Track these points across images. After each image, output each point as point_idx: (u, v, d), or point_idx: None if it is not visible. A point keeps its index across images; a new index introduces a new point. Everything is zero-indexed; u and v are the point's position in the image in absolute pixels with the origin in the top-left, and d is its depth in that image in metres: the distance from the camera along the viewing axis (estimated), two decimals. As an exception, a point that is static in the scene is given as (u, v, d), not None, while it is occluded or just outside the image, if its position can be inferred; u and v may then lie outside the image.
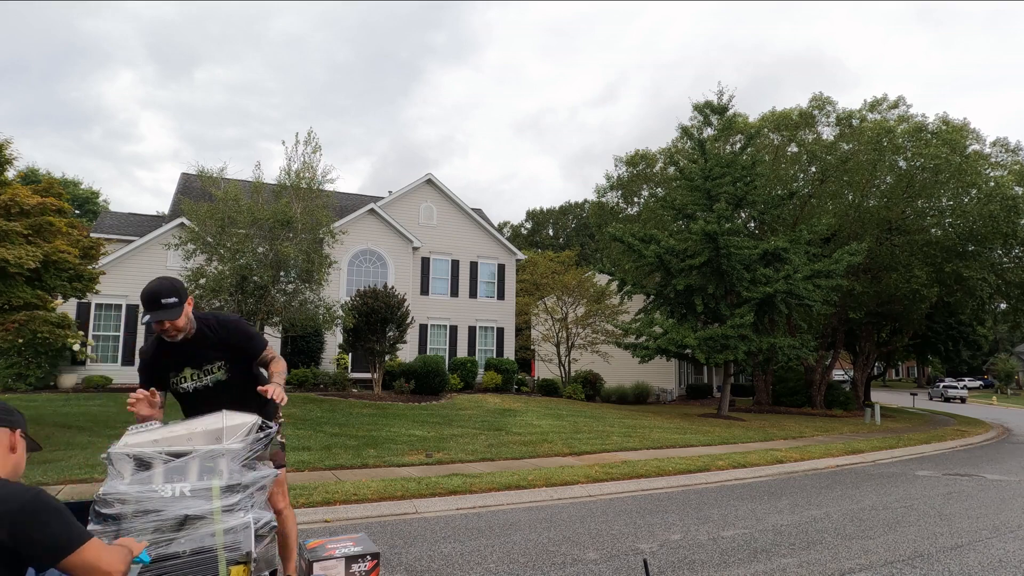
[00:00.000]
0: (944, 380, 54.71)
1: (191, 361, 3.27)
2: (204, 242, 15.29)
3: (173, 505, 2.43)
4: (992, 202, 21.76)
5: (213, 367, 3.31)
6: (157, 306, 3.01)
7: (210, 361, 3.30)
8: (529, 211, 77.94)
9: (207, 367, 3.30)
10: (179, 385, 3.31)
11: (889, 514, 7.25)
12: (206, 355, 3.27)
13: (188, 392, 3.31)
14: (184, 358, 3.26)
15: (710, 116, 21.81)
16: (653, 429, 15.27)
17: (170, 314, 3.03)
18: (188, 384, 3.30)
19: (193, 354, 3.26)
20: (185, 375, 3.29)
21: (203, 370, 3.30)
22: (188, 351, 3.24)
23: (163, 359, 3.26)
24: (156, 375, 3.27)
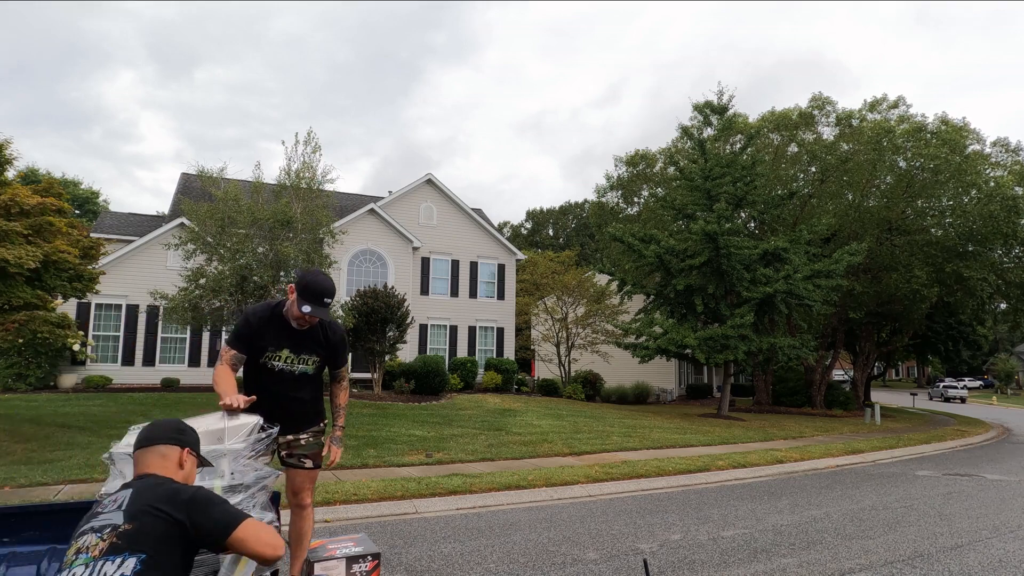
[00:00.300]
0: (944, 380, 54.70)
1: (293, 346, 3.41)
2: (204, 242, 15.29)
3: (174, 505, 2.43)
4: (992, 202, 21.77)
5: (309, 359, 3.47)
6: (322, 303, 3.22)
7: (309, 352, 3.46)
8: (529, 211, 77.99)
9: (304, 356, 3.45)
10: (271, 360, 3.41)
11: (889, 514, 7.26)
12: (308, 346, 3.44)
13: (274, 370, 3.42)
14: (290, 341, 3.40)
15: (710, 116, 21.81)
16: (653, 429, 15.27)
17: (326, 313, 3.25)
18: (280, 364, 3.42)
19: (299, 341, 3.41)
20: (282, 355, 3.41)
21: (299, 358, 3.44)
22: (296, 336, 3.40)
23: (269, 332, 3.39)
24: (255, 342, 3.37)
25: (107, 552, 1.71)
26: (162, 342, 20.26)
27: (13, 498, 6.68)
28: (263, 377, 3.42)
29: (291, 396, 3.44)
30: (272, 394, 3.35)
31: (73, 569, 1.70)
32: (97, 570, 1.68)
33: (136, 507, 1.82)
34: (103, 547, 1.73)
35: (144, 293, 18.40)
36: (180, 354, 20.45)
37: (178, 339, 20.41)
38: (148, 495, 1.87)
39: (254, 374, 3.45)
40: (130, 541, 1.74)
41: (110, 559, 1.70)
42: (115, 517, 1.80)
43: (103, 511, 1.86)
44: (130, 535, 1.75)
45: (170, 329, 19.86)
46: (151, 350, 20.07)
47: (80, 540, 1.77)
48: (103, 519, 1.81)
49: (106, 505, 1.89)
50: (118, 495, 1.92)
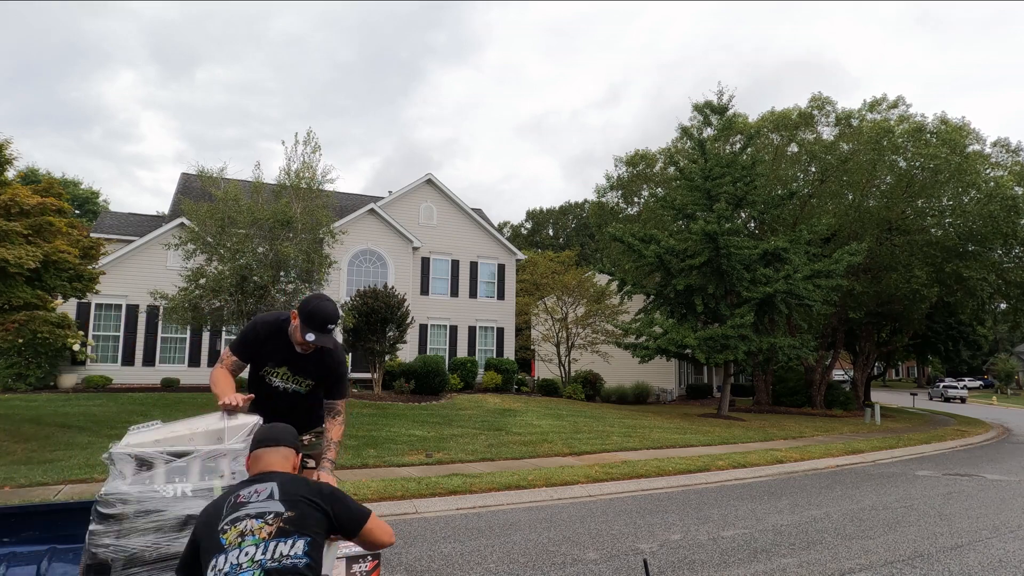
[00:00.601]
0: (944, 380, 54.69)
1: (292, 366, 3.40)
2: (204, 242, 15.29)
3: (175, 505, 2.43)
4: (992, 202, 21.77)
5: (304, 380, 3.45)
6: (325, 331, 3.19)
7: (306, 375, 3.44)
8: (529, 211, 77.97)
9: (299, 378, 3.44)
10: (269, 375, 3.42)
11: (889, 514, 7.26)
12: (307, 368, 3.41)
13: (271, 384, 3.43)
14: (290, 359, 3.39)
15: (710, 116, 21.82)
16: (653, 429, 15.27)
17: (329, 340, 3.23)
18: (277, 381, 3.43)
19: (298, 361, 3.40)
20: (280, 372, 3.42)
21: (295, 378, 3.43)
22: (296, 356, 3.38)
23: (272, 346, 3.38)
24: (255, 353, 3.39)
25: (276, 535, 1.91)
26: (162, 342, 20.26)
27: (13, 498, 6.68)
28: (261, 388, 3.44)
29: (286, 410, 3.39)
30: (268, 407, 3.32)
31: (244, 548, 1.88)
32: (271, 550, 1.88)
33: (291, 498, 2.03)
34: (271, 530, 1.92)
35: (144, 293, 18.40)
36: (180, 354, 20.45)
37: (178, 339, 20.41)
38: (297, 488, 2.09)
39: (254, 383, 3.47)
40: (296, 525, 1.96)
41: (282, 540, 1.91)
42: (273, 506, 1.99)
43: (252, 500, 2.02)
44: (295, 520, 1.97)
45: (170, 329, 19.85)
46: (151, 350, 20.07)
47: (240, 524, 1.94)
48: (259, 507, 1.99)
49: (249, 495, 2.04)
50: (260, 487, 2.08)
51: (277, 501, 2.01)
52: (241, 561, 1.85)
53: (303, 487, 2.11)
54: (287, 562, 1.87)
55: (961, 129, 23.46)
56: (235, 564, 1.85)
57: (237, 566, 1.84)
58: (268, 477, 2.14)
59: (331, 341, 3.25)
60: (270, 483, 2.08)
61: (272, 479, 2.11)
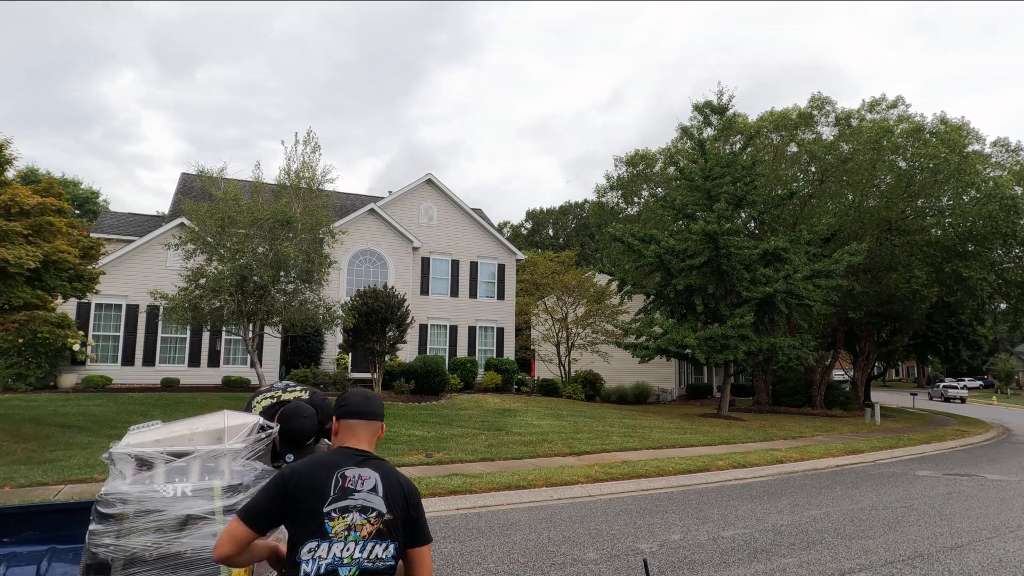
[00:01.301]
0: (944, 380, 54.69)
1: None
2: (204, 242, 15.29)
3: (175, 505, 2.43)
4: (991, 202, 21.78)
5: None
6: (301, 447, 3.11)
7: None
8: (529, 211, 77.97)
9: None
10: None
11: (889, 514, 7.26)
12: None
13: None
14: None
15: (710, 116, 21.82)
16: (653, 429, 15.27)
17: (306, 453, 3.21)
18: None
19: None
20: None
21: None
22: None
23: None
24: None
25: (375, 536, 1.96)
26: (162, 342, 20.25)
27: (13, 498, 6.68)
28: None
29: None
30: None
31: (347, 543, 1.94)
32: (369, 550, 1.95)
33: (391, 496, 2.04)
34: (371, 530, 1.96)
35: (144, 293, 18.39)
36: (180, 354, 20.44)
37: (178, 339, 20.41)
38: (395, 486, 2.08)
39: None
40: (391, 529, 1.99)
41: (379, 543, 1.96)
42: (376, 503, 2.01)
43: (358, 489, 2.02)
44: (391, 524, 2.00)
45: (170, 329, 19.84)
46: (151, 350, 20.06)
47: (348, 517, 1.96)
48: (362, 500, 2.00)
49: (355, 482, 2.03)
50: (364, 474, 2.05)
51: (380, 498, 2.02)
52: (343, 556, 1.93)
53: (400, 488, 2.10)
54: (380, 564, 1.96)
55: (960, 129, 23.47)
56: (337, 557, 1.92)
57: (339, 559, 1.92)
58: (368, 461, 2.12)
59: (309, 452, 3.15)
60: (373, 473, 2.07)
61: (373, 467, 2.10)
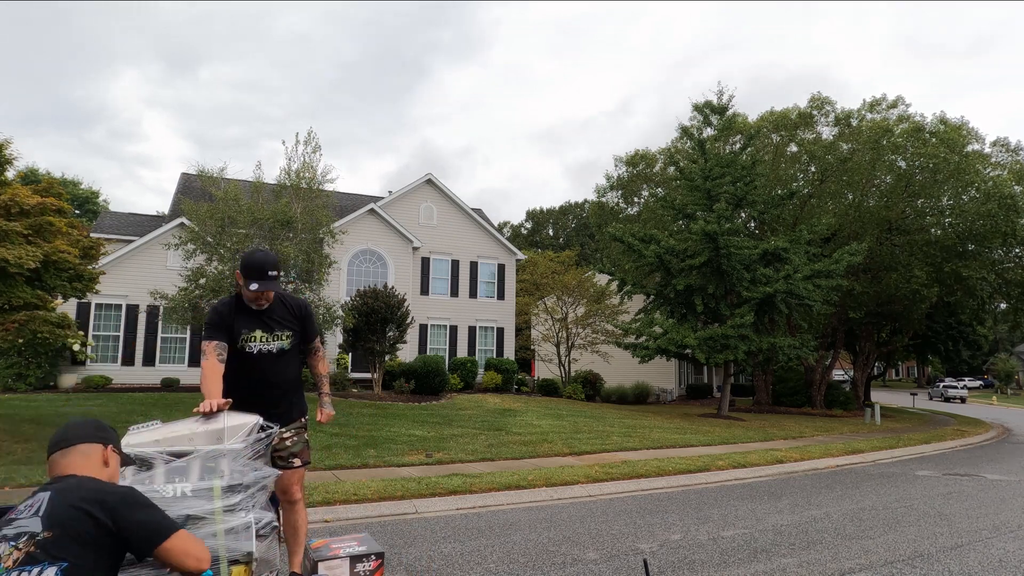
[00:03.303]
0: (944, 380, 54.68)
1: (264, 326, 3.51)
2: (204, 242, 15.30)
3: (174, 505, 2.43)
4: (991, 201, 21.78)
5: (283, 335, 3.56)
6: (264, 276, 3.33)
7: (281, 329, 3.55)
8: (529, 211, 78.00)
9: (277, 333, 3.54)
10: (248, 344, 3.48)
11: (889, 514, 7.26)
12: (279, 323, 3.54)
13: (252, 353, 3.49)
14: (258, 322, 3.50)
15: (710, 116, 21.82)
16: (653, 429, 15.27)
17: (273, 285, 3.36)
18: (255, 345, 3.50)
19: (267, 320, 3.52)
20: (256, 336, 3.50)
21: (273, 335, 3.53)
22: (263, 317, 3.50)
23: (237, 318, 3.48)
24: (228, 331, 3.46)
25: (22, 562, 1.63)
26: (162, 342, 20.26)
27: (13, 498, 6.68)
28: (244, 364, 3.47)
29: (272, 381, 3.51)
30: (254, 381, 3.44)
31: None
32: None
33: (57, 511, 1.74)
34: (18, 557, 1.65)
35: (144, 293, 18.40)
36: (180, 354, 20.45)
37: (178, 339, 20.41)
38: (71, 495, 1.79)
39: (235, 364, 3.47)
40: (49, 549, 1.66)
41: (26, 570, 1.62)
42: (32, 524, 1.71)
43: (18, 517, 1.76)
44: (49, 543, 1.67)
45: (170, 329, 19.85)
46: (151, 350, 20.07)
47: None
48: (18, 526, 1.72)
49: (21, 511, 1.78)
50: (34, 499, 1.82)
51: (39, 518, 1.72)
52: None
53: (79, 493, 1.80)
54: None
55: (960, 129, 23.48)
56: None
57: None
58: (49, 485, 1.89)
59: (275, 285, 3.38)
60: (45, 493, 1.82)
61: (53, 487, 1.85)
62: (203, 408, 2.83)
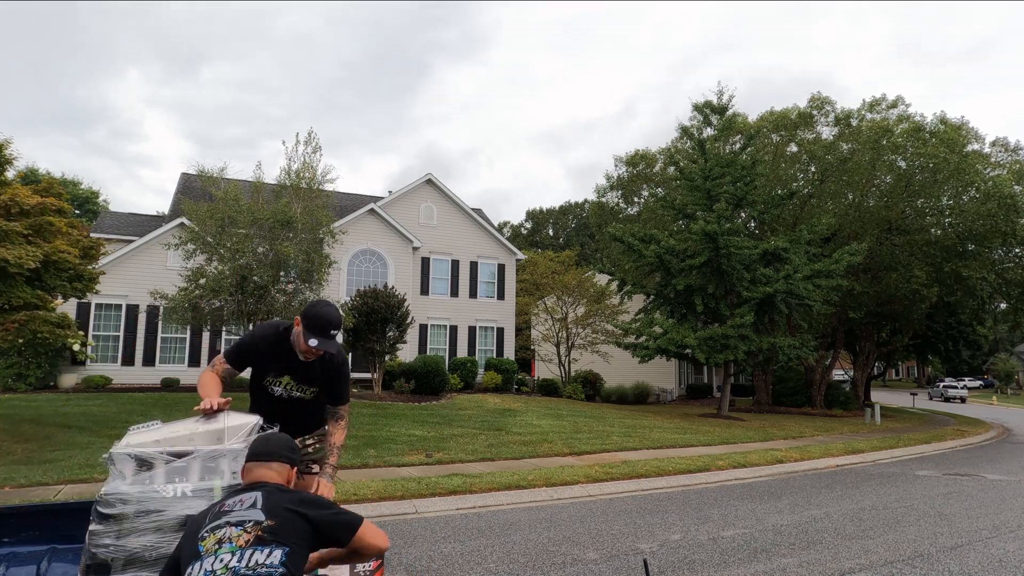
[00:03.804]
0: (944, 380, 54.68)
1: (295, 374, 3.38)
2: (204, 242, 15.29)
3: (175, 505, 2.43)
4: (990, 201, 21.78)
5: (309, 388, 3.43)
6: (328, 336, 3.15)
7: (310, 382, 3.41)
8: (529, 211, 77.97)
9: (303, 386, 3.42)
10: (271, 386, 3.40)
11: (889, 514, 7.26)
12: (310, 376, 3.38)
13: (272, 395, 3.41)
14: (292, 367, 3.36)
15: (710, 116, 21.82)
16: (653, 429, 15.27)
17: (332, 346, 3.19)
18: (279, 390, 3.40)
19: (301, 369, 3.36)
20: (283, 381, 3.39)
21: (299, 387, 3.41)
22: (298, 365, 3.34)
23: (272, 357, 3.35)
24: (251, 362, 3.38)
25: (254, 543, 1.91)
26: (162, 342, 20.26)
27: (13, 498, 6.68)
28: (262, 395, 3.42)
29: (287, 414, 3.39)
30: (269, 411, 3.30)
31: (220, 555, 1.88)
32: (247, 558, 1.87)
33: (273, 508, 2.02)
34: (248, 538, 1.92)
35: (144, 293, 18.39)
36: (180, 354, 20.45)
37: (178, 339, 20.41)
38: (281, 498, 2.08)
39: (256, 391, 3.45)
40: (275, 535, 1.95)
41: (259, 549, 1.90)
42: (254, 514, 1.99)
43: (235, 508, 2.03)
44: (274, 530, 1.96)
45: (170, 329, 19.84)
46: (151, 350, 20.06)
47: (219, 532, 1.94)
48: (240, 515, 1.99)
49: (231, 505, 2.05)
50: (242, 497, 2.08)
51: (259, 510, 2.00)
52: (215, 568, 1.84)
53: (287, 497, 2.11)
54: (261, 571, 1.85)
55: (960, 129, 23.48)
56: (209, 571, 1.84)
57: (211, 572, 1.83)
58: (256, 487, 2.15)
59: (335, 346, 3.20)
60: (255, 493, 2.09)
61: (258, 489, 2.12)
62: (204, 406, 2.80)
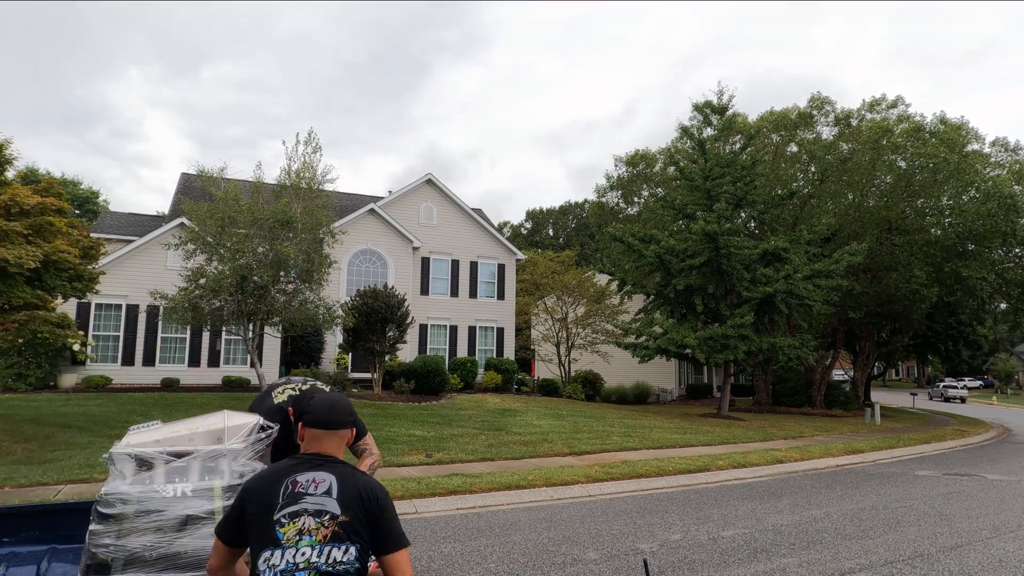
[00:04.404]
0: (944, 380, 54.69)
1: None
2: (204, 242, 15.29)
3: (175, 505, 2.43)
4: (990, 200, 21.78)
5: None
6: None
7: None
8: (529, 211, 77.98)
9: None
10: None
11: (889, 514, 7.26)
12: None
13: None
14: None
15: (710, 116, 21.82)
16: (653, 429, 15.27)
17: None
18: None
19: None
20: None
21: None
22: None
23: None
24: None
25: (331, 539, 1.92)
26: (162, 342, 20.25)
27: (13, 498, 6.68)
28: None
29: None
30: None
31: (301, 548, 1.90)
32: (327, 554, 1.90)
33: (346, 498, 1.99)
34: (326, 533, 1.93)
35: (144, 293, 18.39)
36: (180, 354, 20.44)
37: (178, 339, 20.41)
38: (351, 488, 2.02)
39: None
40: (349, 531, 1.95)
41: (336, 546, 1.92)
42: (331, 505, 1.97)
43: (310, 492, 1.98)
44: (349, 526, 1.95)
45: (170, 329, 19.84)
46: (151, 350, 20.06)
47: (299, 521, 1.93)
48: (316, 503, 1.97)
49: (307, 484, 1.99)
50: (317, 476, 2.01)
51: (334, 500, 1.98)
52: (298, 561, 1.89)
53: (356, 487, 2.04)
54: (340, 568, 1.91)
55: (960, 128, 23.48)
56: (291, 563, 1.88)
57: (294, 565, 1.88)
58: (325, 464, 2.06)
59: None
60: (328, 476, 2.02)
61: (329, 470, 2.04)
62: None
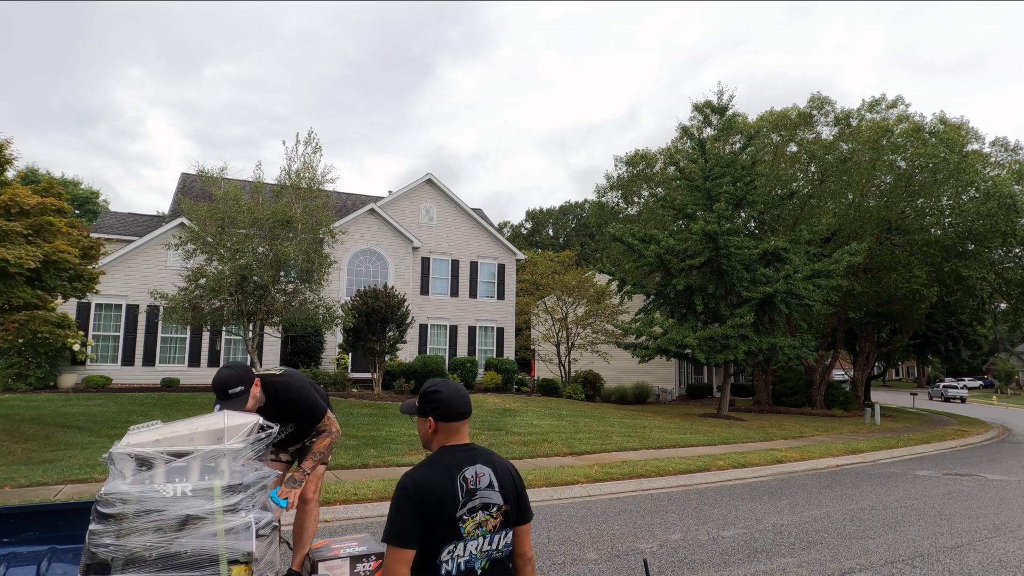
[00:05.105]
0: (944, 380, 54.69)
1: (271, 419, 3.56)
2: (204, 242, 15.28)
3: (175, 505, 2.43)
4: (990, 200, 21.77)
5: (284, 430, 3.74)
6: (225, 396, 3.36)
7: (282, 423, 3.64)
8: (529, 211, 77.98)
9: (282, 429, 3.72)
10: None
11: (889, 514, 7.26)
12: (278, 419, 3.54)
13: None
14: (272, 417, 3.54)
15: (710, 116, 21.81)
16: (653, 429, 15.27)
17: (237, 404, 3.34)
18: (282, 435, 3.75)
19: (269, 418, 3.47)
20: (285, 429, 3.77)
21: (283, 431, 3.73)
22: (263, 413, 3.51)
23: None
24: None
25: (499, 527, 2.17)
26: (162, 342, 20.25)
27: (13, 498, 6.68)
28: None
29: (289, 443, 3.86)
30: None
31: (478, 539, 2.13)
32: (496, 541, 2.17)
33: (505, 488, 2.21)
34: (495, 523, 2.16)
35: (144, 293, 18.38)
36: (180, 354, 20.44)
37: (178, 339, 20.41)
38: (506, 476, 2.24)
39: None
40: (509, 518, 2.20)
41: (502, 532, 2.18)
42: (495, 497, 2.17)
43: (479, 487, 2.16)
44: (508, 513, 2.20)
45: (170, 329, 19.84)
46: (151, 350, 20.06)
47: (476, 516, 2.13)
48: (485, 496, 2.16)
49: (475, 481, 2.17)
50: (479, 471, 2.19)
51: (497, 492, 2.18)
52: (476, 551, 2.13)
53: (510, 476, 2.26)
54: (504, 550, 2.19)
55: (960, 128, 23.48)
56: (473, 554, 2.12)
57: (474, 555, 2.12)
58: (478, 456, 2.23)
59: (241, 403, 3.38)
60: (485, 469, 2.20)
61: (483, 462, 2.22)
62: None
